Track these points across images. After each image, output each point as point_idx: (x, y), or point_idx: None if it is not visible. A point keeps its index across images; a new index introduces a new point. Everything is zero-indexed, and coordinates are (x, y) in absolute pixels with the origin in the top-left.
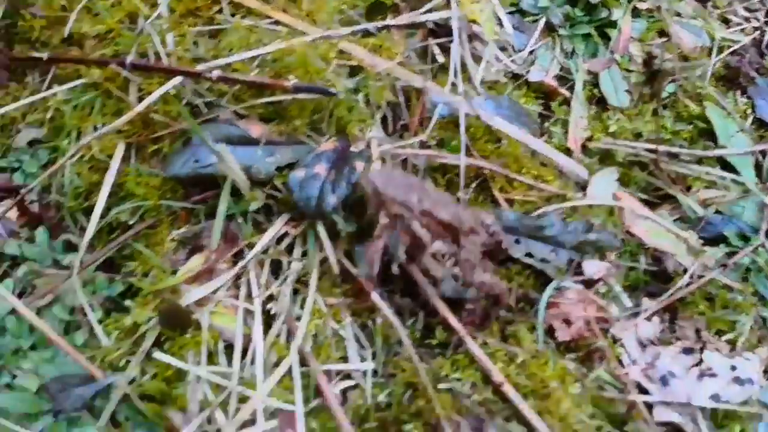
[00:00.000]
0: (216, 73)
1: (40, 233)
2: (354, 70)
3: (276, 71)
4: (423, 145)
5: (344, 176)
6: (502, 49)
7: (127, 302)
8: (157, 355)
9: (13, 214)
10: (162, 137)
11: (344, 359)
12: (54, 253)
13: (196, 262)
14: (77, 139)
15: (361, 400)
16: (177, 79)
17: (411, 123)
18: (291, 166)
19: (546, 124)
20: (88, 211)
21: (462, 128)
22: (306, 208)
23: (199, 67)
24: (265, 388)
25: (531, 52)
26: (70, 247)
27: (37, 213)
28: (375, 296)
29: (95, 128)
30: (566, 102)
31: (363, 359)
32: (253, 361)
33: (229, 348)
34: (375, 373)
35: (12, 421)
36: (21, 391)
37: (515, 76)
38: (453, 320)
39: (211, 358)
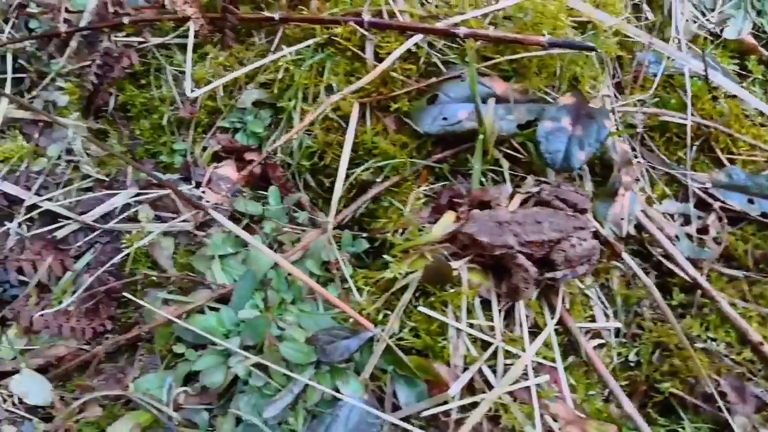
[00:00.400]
0: (464, 30)
1: (273, 192)
2: (580, 27)
3: (518, 28)
4: (641, 103)
5: (592, 133)
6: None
7: (385, 257)
8: (423, 308)
9: (231, 172)
10: (398, 96)
11: (591, 318)
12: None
13: (448, 218)
14: (304, 100)
15: (608, 358)
16: (417, 37)
17: (624, 81)
18: (529, 125)
19: (743, 84)
20: (315, 172)
21: (688, 86)
22: (552, 162)
23: (439, 24)
24: (534, 346)
25: (720, 12)
26: (298, 206)
27: (262, 173)
28: (626, 257)
29: (328, 88)
30: (762, 61)
31: (607, 318)
32: (505, 317)
33: (484, 304)
34: (618, 332)
35: (283, 368)
36: (293, 342)
37: (711, 35)
38: (701, 280)
39: (469, 314)
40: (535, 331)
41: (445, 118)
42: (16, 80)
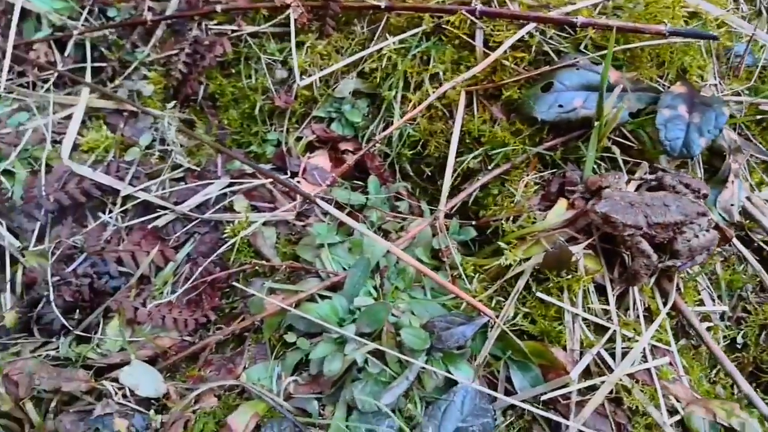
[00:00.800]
0: (581, 19)
1: (373, 182)
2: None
3: (630, 17)
4: (737, 93)
5: (710, 120)
6: None
7: (500, 244)
8: (540, 294)
9: (324, 162)
10: (507, 85)
11: (700, 302)
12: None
13: (562, 205)
14: (405, 89)
15: (715, 341)
16: (530, 26)
17: (720, 72)
18: (639, 113)
19: None
20: (415, 161)
21: None
22: (671, 149)
23: (553, 14)
24: (651, 329)
25: None
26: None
27: (358, 163)
28: (736, 242)
29: (433, 77)
30: None
31: (713, 302)
32: (617, 302)
33: (598, 289)
34: (722, 315)
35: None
36: (411, 328)
37: None
38: None
39: (584, 299)
40: (646, 315)
41: (560, 106)
42: (96, 70)
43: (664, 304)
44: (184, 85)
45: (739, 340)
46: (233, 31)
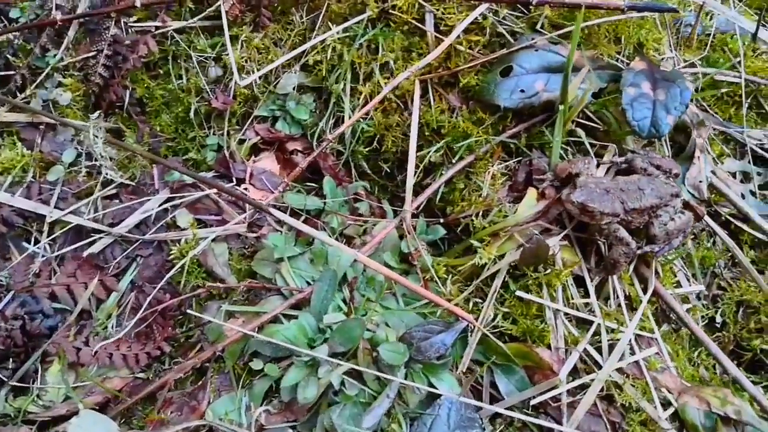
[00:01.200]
0: None
1: (328, 183)
2: None
3: None
4: (689, 64)
5: (676, 96)
6: None
7: (473, 242)
8: (520, 293)
9: (272, 165)
10: (462, 71)
11: (677, 284)
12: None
13: (532, 196)
14: (353, 81)
15: (695, 322)
16: (483, 6)
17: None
18: (601, 92)
19: None
20: (372, 158)
21: (741, 44)
22: (640, 129)
23: None
24: (635, 319)
25: None
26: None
27: (310, 163)
28: (706, 218)
29: (383, 67)
30: None
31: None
32: (598, 293)
33: (577, 282)
34: (698, 295)
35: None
36: (388, 343)
37: None
38: None
39: (564, 294)
40: (627, 303)
41: (522, 91)
42: (2, 79)
43: (644, 290)
44: (107, 91)
45: (718, 318)
46: (157, 27)
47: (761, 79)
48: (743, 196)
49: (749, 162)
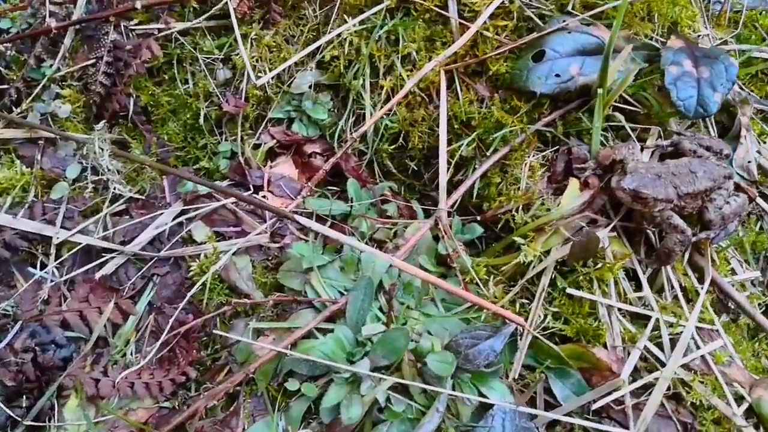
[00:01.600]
0: None
1: (352, 186)
2: None
3: None
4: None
5: (721, 73)
6: None
7: (516, 239)
8: (571, 290)
9: (290, 170)
10: (490, 59)
11: (731, 272)
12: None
13: (574, 187)
14: (373, 76)
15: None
16: None
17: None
18: (638, 74)
19: None
20: (396, 156)
21: None
22: (687, 109)
23: None
24: (695, 311)
25: None
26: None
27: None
28: (760, 201)
29: (405, 58)
30: None
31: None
32: (652, 287)
33: (628, 275)
34: (752, 282)
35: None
36: (435, 353)
37: None
38: None
39: (616, 288)
40: (682, 295)
41: (557, 75)
42: None
43: (699, 280)
44: (109, 101)
45: None
46: (160, 30)
47: None
48: None
49: None
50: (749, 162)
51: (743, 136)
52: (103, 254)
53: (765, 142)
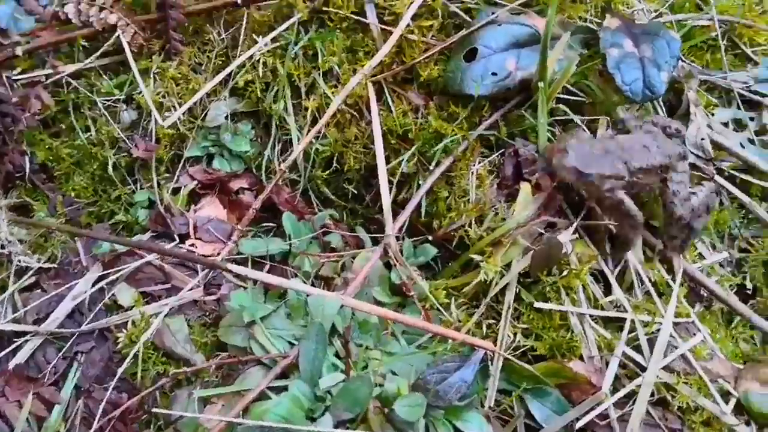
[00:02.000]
0: None
1: (288, 219)
2: None
3: None
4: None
5: (663, 50)
6: None
7: (473, 256)
8: (538, 304)
9: (217, 211)
10: (419, 63)
11: (699, 256)
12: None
13: (526, 190)
14: (295, 97)
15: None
16: None
17: None
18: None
19: None
20: (332, 180)
21: None
22: (633, 94)
23: None
24: (671, 307)
25: None
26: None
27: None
28: (718, 178)
29: (327, 74)
30: None
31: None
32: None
33: (595, 277)
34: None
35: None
36: (403, 397)
37: None
38: None
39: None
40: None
41: (494, 74)
42: None
43: (668, 270)
44: (1, 162)
45: (748, 285)
46: (47, 76)
47: (732, 17)
48: (743, 146)
49: (739, 108)
50: (702, 139)
51: (693, 113)
52: (15, 339)
53: (713, 114)
